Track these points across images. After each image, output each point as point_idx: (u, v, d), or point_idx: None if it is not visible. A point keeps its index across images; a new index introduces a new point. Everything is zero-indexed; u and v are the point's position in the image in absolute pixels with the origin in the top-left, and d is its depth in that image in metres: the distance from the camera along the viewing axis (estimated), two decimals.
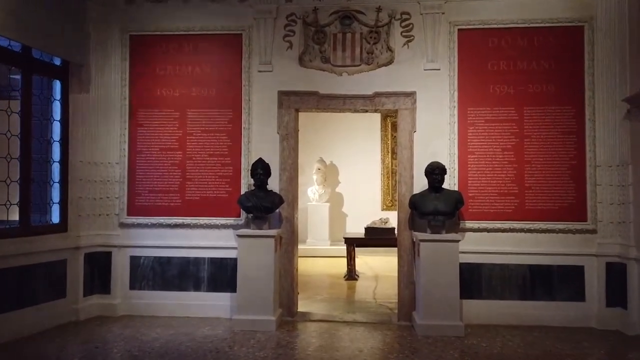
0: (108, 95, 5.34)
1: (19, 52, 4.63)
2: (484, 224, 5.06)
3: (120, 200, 5.33)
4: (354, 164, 10.80)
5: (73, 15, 5.05)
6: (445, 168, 4.91)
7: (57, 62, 5.06)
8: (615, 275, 4.84)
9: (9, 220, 4.56)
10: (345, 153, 10.85)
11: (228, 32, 5.33)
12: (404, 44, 5.21)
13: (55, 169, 5.04)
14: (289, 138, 5.29)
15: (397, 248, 5.26)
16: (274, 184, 5.20)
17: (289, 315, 5.17)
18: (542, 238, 5.01)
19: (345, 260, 7.73)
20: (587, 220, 4.97)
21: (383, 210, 10.29)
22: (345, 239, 7.83)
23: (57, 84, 5.05)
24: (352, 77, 5.23)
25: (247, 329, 4.71)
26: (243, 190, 5.20)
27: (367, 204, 10.35)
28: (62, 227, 5.00)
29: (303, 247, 9.63)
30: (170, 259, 5.29)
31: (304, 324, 5.03)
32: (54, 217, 5.01)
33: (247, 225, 5.14)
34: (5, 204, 4.51)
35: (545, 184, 5.04)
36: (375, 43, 5.22)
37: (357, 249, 7.76)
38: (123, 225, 5.32)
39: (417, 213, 4.97)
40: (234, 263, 4.99)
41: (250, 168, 5.07)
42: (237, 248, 4.94)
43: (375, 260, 8.96)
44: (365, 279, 7.62)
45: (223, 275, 5.22)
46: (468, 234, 5.06)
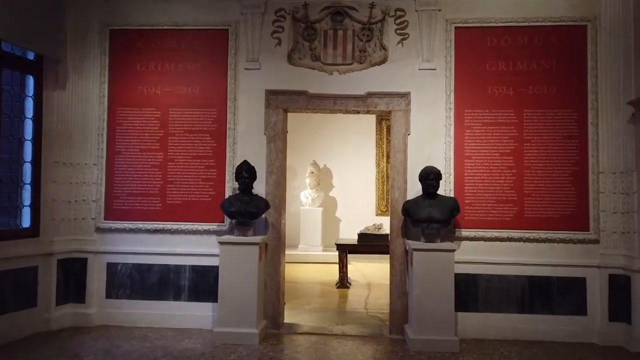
0: (86, 93, 5.07)
1: None
2: (481, 233, 4.81)
3: (97, 204, 5.05)
4: (348, 168, 10.57)
5: (49, 7, 4.77)
6: (441, 173, 4.67)
7: (30, 56, 4.78)
8: (619, 288, 4.59)
9: None
10: (340, 156, 10.61)
11: (213, 27, 5.07)
12: (398, 42, 4.97)
13: (27, 170, 4.75)
14: (277, 139, 5.03)
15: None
16: (260, 188, 4.94)
17: (275, 328, 4.89)
18: (541, 248, 4.76)
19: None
20: (589, 230, 4.73)
21: (377, 216, 10.05)
22: (338, 245, 7.58)
23: (30, 80, 4.77)
24: (343, 76, 4.98)
25: (228, 342, 4.44)
26: (228, 194, 4.95)
27: (361, 209, 10.13)
28: (33, 231, 4.72)
29: (295, 252, 9.46)
30: (150, 267, 5.01)
31: (290, 337, 4.76)
32: (25, 221, 4.73)
33: (231, 232, 4.87)
34: None
35: (546, 191, 4.80)
36: (368, 41, 4.97)
37: (349, 256, 7.51)
38: (100, 230, 5.04)
39: (410, 220, 4.71)
40: (217, 271, 4.71)
41: (235, 171, 4.81)
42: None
43: (369, 267, 8.70)
44: (358, 287, 7.36)
45: (205, 284, 4.94)
46: (464, 243, 4.81)
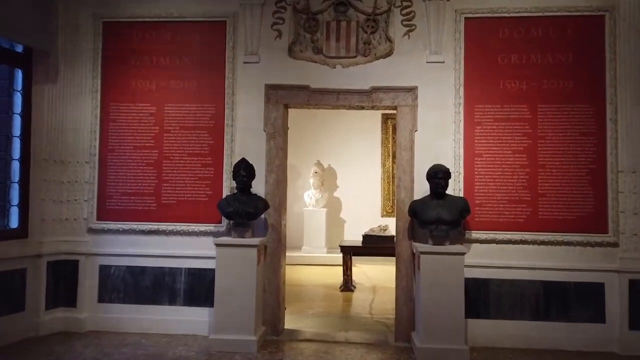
0: (77, 87, 4.85)
1: None
2: (492, 235, 4.55)
3: (90, 203, 4.84)
4: (353, 168, 10.32)
5: None
6: (450, 172, 4.41)
7: (18, 49, 4.58)
8: None
9: None
10: (344, 156, 10.35)
11: (211, 19, 4.84)
12: (405, 34, 4.72)
13: (15, 168, 4.55)
14: (277, 136, 4.79)
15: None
16: (260, 187, 4.71)
17: (274, 334, 4.65)
18: (557, 251, 4.50)
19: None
20: (607, 232, 4.46)
21: (383, 217, 9.80)
22: (342, 247, 7.34)
23: (18, 73, 4.57)
24: (346, 69, 4.74)
25: (225, 350, 4.21)
26: (225, 194, 4.72)
27: (366, 210, 9.87)
28: (21, 232, 4.51)
29: (299, 254, 9.23)
30: (144, 269, 4.79)
31: (290, 344, 4.52)
32: (12, 221, 4.52)
33: (228, 233, 4.65)
34: None
35: (561, 191, 4.53)
36: (373, 32, 4.72)
37: (354, 258, 7.28)
38: (92, 231, 4.83)
39: (417, 221, 4.47)
40: (214, 274, 4.48)
41: (233, 169, 4.58)
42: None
43: (374, 270, 8.43)
44: (363, 290, 7.12)
45: (202, 288, 4.72)
46: (474, 246, 4.55)
